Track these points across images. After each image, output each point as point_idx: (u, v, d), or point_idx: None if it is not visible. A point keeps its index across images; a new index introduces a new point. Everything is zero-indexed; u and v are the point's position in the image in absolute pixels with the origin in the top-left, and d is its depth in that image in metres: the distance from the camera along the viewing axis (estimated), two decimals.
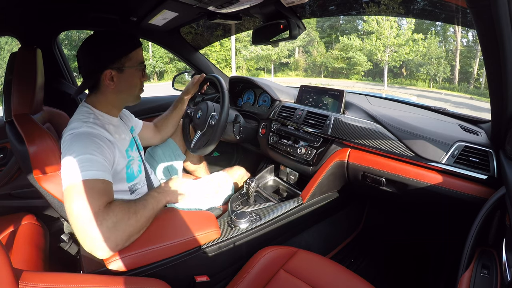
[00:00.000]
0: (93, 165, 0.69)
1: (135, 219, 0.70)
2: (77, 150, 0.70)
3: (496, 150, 0.82)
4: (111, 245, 0.65)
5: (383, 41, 15.65)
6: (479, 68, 15.81)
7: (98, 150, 0.73)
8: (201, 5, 1.07)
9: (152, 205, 0.77)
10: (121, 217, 0.67)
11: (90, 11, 1.34)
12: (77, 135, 0.74)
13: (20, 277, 0.48)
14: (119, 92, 0.87)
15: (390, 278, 1.27)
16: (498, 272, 0.61)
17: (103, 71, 0.82)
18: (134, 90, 0.91)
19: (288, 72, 21.36)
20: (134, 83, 0.89)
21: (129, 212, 0.69)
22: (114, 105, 0.91)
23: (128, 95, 0.91)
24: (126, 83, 0.87)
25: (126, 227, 0.67)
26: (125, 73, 0.86)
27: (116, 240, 0.65)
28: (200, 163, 1.52)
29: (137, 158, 0.97)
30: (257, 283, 0.82)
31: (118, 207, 0.68)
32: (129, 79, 0.87)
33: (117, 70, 0.84)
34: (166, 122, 1.30)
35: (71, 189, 0.66)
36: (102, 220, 0.64)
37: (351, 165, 1.08)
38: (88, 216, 0.63)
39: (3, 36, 2.52)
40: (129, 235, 0.68)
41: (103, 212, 0.65)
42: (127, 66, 0.85)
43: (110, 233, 0.64)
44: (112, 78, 0.84)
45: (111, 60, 0.83)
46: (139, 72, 0.90)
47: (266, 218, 1.01)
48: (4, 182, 1.27)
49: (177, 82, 1.89)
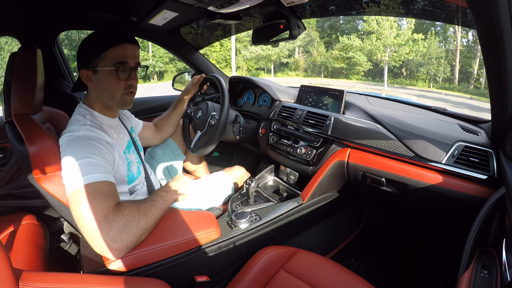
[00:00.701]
0: (95, 168, 0.70)
1: (145, 221, 0.71)
2: (77, 154, 0.70)
3: (496, 150, 0.82)
4: (121, 247, 0.65)
5: (383, 41, 15.65)
6: (479, 68, 15.81)
7: (97, 153, 0.73)
8: (201, 5, 1.06)
9: (161, 205, 0.78)
10: (130, 218, 0.67)
11: (90, 11, 1.33)
12: (75, 139, 0.74)
13: (20, 277, 0.48)
14: (98, 93, 0.85)
15: (390, 278, 1.27)
16: (498, 272, 0.61)
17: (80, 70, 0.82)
18: (113, 93, 0.83)
19: (288, 72, 21.35)
20: (110, 85, 0.82)
21: (139, 214, 0.70)
22: (104, 106, 0.88)
23: (108, 98, 0.85)
24: (102, 85, 0.82)
25: (136, 229, 0.68)
26: (99, 73, 0.81)
27: (127, 241, 0.66)
28: (200, 163, 1.52)
29: (135, 160, 0.96)
30: (257, 283, 0.82)
31: (127, 208, 0.69)
32: (104, 80, 0.82)
33: (92, 71, 0.81)
34: (166, 122, 1.30)
35: (76, 194, 0.66)
36: (113, 222, 0.64)
37: (351, 165, 1.08)
38: (97, 218, 0.63)
39: (3, 36, 2.52)
40: (139, 236, 0.69)
41: (113, 214, 0.65)
42: (100, 66, 0.80)
43: (121, 234, 0.65)
44: (90, 78, 0.82)
45: (85, 60, 0.81)
46: (114, 73, 0.81)
47: (266, 218, 1.01)
48: (4, 182, 1.26)
49: (177, 82, 1.89)
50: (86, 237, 0.65)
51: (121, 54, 0.81)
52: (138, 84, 0.94)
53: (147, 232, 0.73)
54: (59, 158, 0.76)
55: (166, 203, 0.80)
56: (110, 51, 0.80)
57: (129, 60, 0.83)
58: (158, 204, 0.77)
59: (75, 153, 0.71)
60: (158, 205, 0.77)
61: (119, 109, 0.91)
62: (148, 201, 0.77)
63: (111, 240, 0.64)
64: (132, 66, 0.84)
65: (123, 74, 0.83)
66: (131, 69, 0.84)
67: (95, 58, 0.80)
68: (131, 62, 0.84)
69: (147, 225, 0.71)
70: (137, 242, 0.69)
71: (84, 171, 0.68)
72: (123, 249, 0.66)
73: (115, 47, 0.80)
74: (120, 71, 0.82)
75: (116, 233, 0.64)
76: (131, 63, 0.84)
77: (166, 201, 0.81)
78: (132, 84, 0.86)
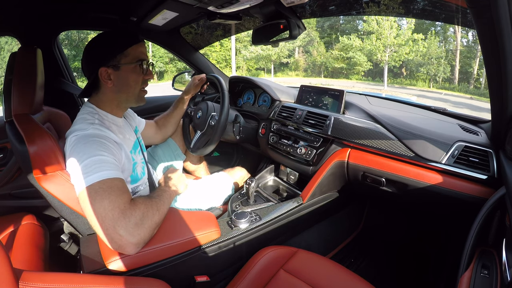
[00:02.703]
0: (107, 165, 0.70)
1: (158, 215, 0.73)
2: (87, 152, 0.70)
3: (496, 150, 0.82)
4: (139, 241, 0.67)
5: (383, 41, 15.65)
6: (479, 68, 15.81)
7: (107, 150, 0.73)
8: (201, 5, 1.06)
9: (167, 199, 0.82)
10: (146, 213, 0.69)
11: (90, 11, 1.33)
12: (84, 137, 0.74)
13: (20, 277, 0.48)
14: (118, 91, 0.86)
15: (390, 278, 1.27)
16: (498, 272, 0.61)
17: (99, 69, 0.82)
18: (133, 88, 0.88)
19: (288, 72, 21.36)
20: (133, 80, 0.86)
21: (153, 209, 0.72)
22: (117, 105, 0.90)
23: (128, 94, 0.88)
24: (124, 81, 0.85)
25: (151, 223, 0.70)
26: (122, 70, 0.84)
27: (144, 235, 0.68)
28: (200, 163, 1.52)
29: (140, 161, 0.97)
30: (257, 283, 0.82)
31: (142, 203, 0.71)
32: (126, 76, 0.85)
33: (113, 68, 0.83)
34: (167, 120, 1.30)
35: (89, 191, 0.66)
36: (130, 216, 0.66)
37: (351, 165, 1.08)
38: (115, 214, 0.64)
39: (3, 36, 2.52)
40: (153, 230, 0.72)
41: (130, 209, 0.67)
42: (123, 63, 0.83)
43: (139, 229, 0.66)
44: (110, 76, 0.83)
45: (106, 58, 0.82)
46: (138, 69, 0.86)
47: (266, 218, 1.01)
48: (4, 182, 1.26)
49: (177, 82, 1.89)
50: (101, 234, 0.65)
51: (140, 52, 0.87)
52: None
53: (159, 226, 0.75)
54: (59, 158, 0.76)
55: (170, 197, 0.84)
56: (132, 48, 0.85)
57: (146, 57, 0.89)
58: (165, 198, 0.81)
59: (86, 151, 0.71)
60: (166, 199, 0.80)
61: (134, 105, 0.93)
62: (157, 197, 0.79)
63: (130, 234, 0.65)
64: (148, 63, 0.90)
65: (143, 69, 0.88)
66: (147, 65, 0.90)
67: (117, 55, 0.83)
68: (147, 59, 0.89)
69: (160, 219, 0.74)
70: (151, 236, 0.71)
71: (96, 168, 0.68)
72: (141, 243, 0.68)
73: (136, 45, 0.85)
74: (141, 66, 0.87)
75: (134, 227, 0.66)
76: (147, 60, 0.90)
77: (170, 195, 0.84)
78: (148, 79, 0.92)
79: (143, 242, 0.69)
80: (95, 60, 0.82)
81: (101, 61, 0.82)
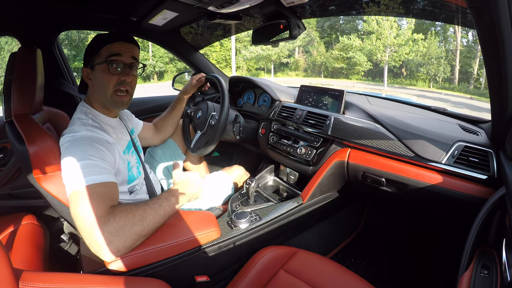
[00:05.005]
0: (94, 170, 0.70)
1: (141, 226, 0.69)
2: (77, 155, 0.71)
3: (496, 150, 0.82)
4: (112, 250, 0.65)
5: (383, 41, 15.65)
6: (479, 68, 15.81)
7: (97, 154, 0.73)
8: (201, 5, 1.06)
9: (165, 210, 0.75)
10: (123, 223, 0.66)
11: (90, 11, 1.34)
12: (76, 140, 0.74)
13: (20, 277, 0.48)
14: (95, 91, 0.87)
15: (390, 278, 1.27)
16: (498, 272, 0.61)
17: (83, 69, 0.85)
18: (105, 89, 0.84)
19: (288, 72, 21.35)
20: (103, 80, 0.83)
21: (134, 219, 0.68)
22: (102, 105, 0.89)
23: (101, 95, 0.85)
24: (98, 81, 0.84)
25: (129, 234, 0.67)
26: (96, 70, 0.83)
27: (118, 245, 0.65)
28: (200, 163, 1.52)
29: (134, 161, 0.97)
30: (257, 283, 0.82)
31: (121, 212, 0.67)
32: (99, 76, 0.83)
33: (90, 68, 0.85)
34: (165, 122, 1.30)
35: (75, 195, 0.67)
36: (104, 225, 0.64)
37: (351, 165, 1.08)
38: (92, 220, 0.64)
39: (3, 36, 2.52)
40: (133, 241, 0.68)
41: (105, 217, 0.65)
42: (95, 63, 0.83)
43: (112, 237, 0.64)
44: (89, 76, 0.85)
45: (85, 57, 0.85)
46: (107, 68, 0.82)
47: (266, 218, 1.01)
48: (4, 182, 1.26)
49: (177, 82, 1.89)
50: (82, 237, 0.66)
51: (113, 49, 0.83)
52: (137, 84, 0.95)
53: (144, 237, 0.71)
54: (59, 158, 0.76)
55: (172, 207, 0.78)
56: (105, 47, 0.82)
57: (123, 56, 0.84)
58: (162, 208, 0.75)
59: (76, 154, 0.71)
60: (162, 209, 0.74)
61: (114, 109, 0.90)
62: (150, 205, 0.74)
63: (103, 242, 0.64)
64: (127, 63, 0.85)
65: (114, 68, 0.83)
66: (125, 65, 0.85)
67: (93, 56, 0.83)
68: (126, 59, 0.85)
69: (143, 231, 0.69)
70: (131, 247, 0.68)
71: (83, 172, 0.68)
72: (114, 252, 0.65)
73: (110, 44, 0.83)
74: (111, 65, 0.83)
75: (107, 235, 0.64)
76: (126, 59, 0.85)
77: (172, 205, 0.78)
78: (124, 80, 0.85)
79: (117, 251, 0.65)
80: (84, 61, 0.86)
81: (84, 61, 0.86)
